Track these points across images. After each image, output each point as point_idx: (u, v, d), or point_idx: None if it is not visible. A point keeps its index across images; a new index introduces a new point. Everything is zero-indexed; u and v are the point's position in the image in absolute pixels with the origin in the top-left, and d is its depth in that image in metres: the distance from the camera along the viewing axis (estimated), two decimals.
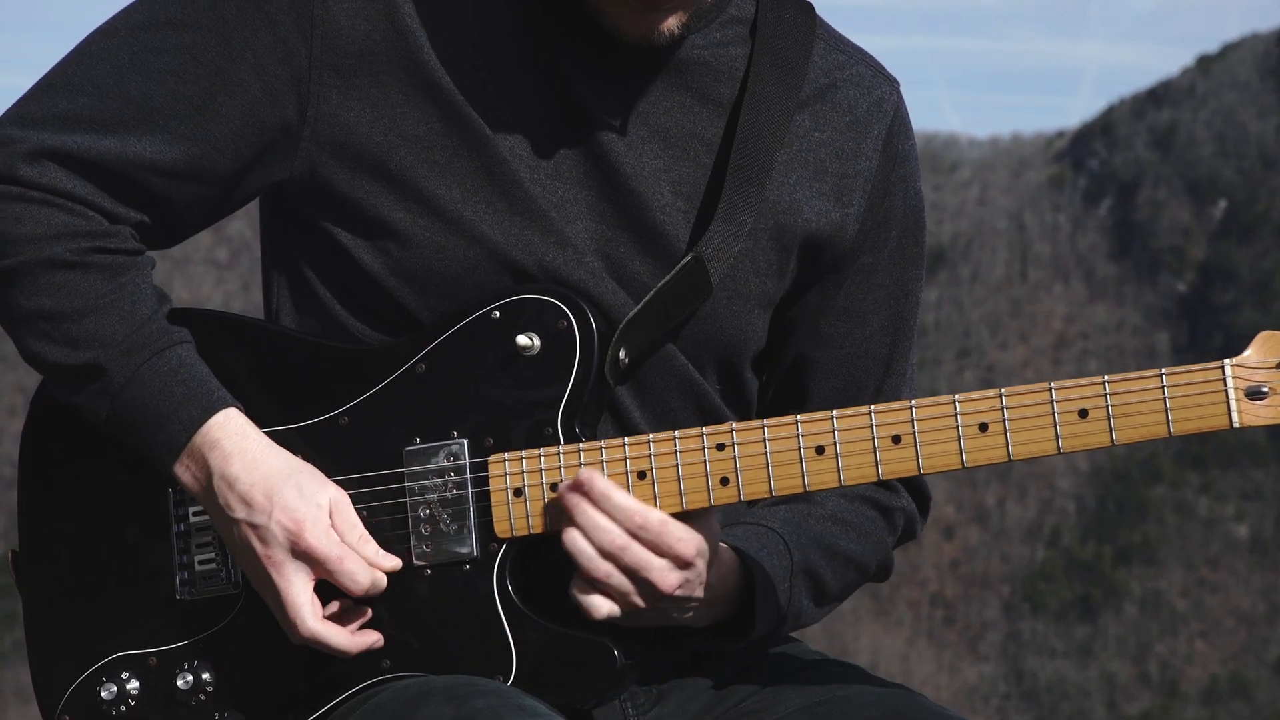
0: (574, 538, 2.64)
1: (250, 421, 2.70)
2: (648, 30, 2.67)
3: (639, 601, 2.64)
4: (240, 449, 2.67)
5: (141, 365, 2.67)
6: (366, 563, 2.67)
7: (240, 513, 2.66)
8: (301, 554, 2.65)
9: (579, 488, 2.63)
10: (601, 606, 2.64)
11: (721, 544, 2.72)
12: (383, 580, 2.68)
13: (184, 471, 2.69)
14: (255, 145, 2.71)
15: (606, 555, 2.63)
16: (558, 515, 2.66)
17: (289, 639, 2.69)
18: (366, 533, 2.69)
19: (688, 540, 2.64)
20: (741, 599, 2.75)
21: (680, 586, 2.64)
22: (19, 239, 2.67)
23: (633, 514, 2.63)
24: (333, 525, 2.67)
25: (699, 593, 2.67)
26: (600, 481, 2.63)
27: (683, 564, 2.64)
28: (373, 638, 2.69)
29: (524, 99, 2.73)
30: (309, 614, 2.66)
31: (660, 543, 2.63)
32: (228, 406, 2.69)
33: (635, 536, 2.62)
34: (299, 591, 2.65)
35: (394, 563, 2.69)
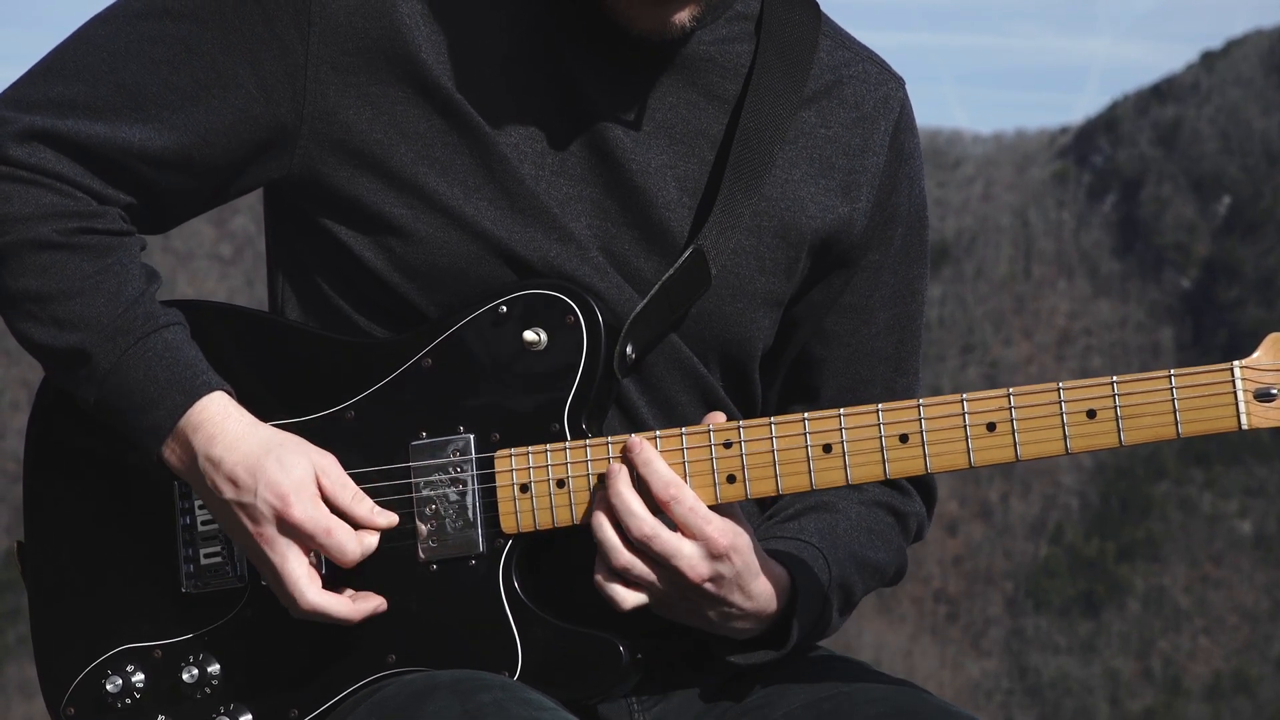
0: (600, 524, 2.63)
1: (235, 403, 2.69)
2: (660, 24, 2.67)
3: (667, 591, 2.63)
4: (222, 429, 2.66)
5: (127, 350, 2.67)
6: (359, 526, 2.66)
7: (228, 493, 2.65)
8: (289, 528, 2.64)
9: (625, 453, 2.63)
10: (627, 598, 2.64)
11: (771, 559, 2.70)
12: (373, 544, 2.67)
13: (170, 455, 2.69)
14: (248, 141, 2.71)
15: (633, 544, 2.62)
16: (591, 501, 2.66)
17: (294, 625, 2.69)
18: (359, 490, 2.68)
19: (722, 529, 2.62)
20: (785, 613, 2.73)
21: (712, 580, 2.62)
22: (7, 218, 2.68)
23: (669, 484, 2.61)
24: (322, 489, 2.66)
25: (737, 598, 2.65)
26: (648, 448, 2.63)
27: (715, 553, 2.62)
28: (375, 602, 2.68)
29: (529, 95, 2.73)
30: (306, 586, 2.65)
31: (690, 521, 2.61)
32: (213, 390, 2.68)
33: (667, 508, 2.61)
34: (294, 566, 2.65)
35: (390, 519, 2.68)
